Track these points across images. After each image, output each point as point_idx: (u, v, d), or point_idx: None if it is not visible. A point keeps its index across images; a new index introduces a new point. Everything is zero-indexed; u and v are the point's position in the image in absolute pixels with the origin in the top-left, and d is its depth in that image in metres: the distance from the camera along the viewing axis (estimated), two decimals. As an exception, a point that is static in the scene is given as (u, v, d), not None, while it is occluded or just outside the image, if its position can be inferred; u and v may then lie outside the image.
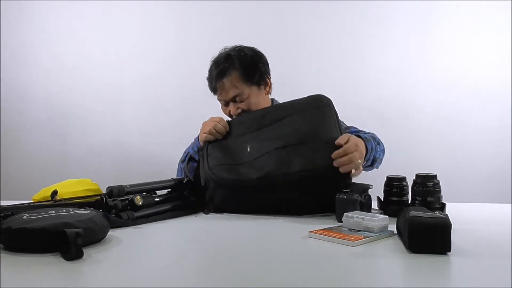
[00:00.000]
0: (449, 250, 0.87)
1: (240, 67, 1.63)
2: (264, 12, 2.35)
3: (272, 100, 1.88)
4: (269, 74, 1.78)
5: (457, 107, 2.30)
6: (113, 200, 1.17)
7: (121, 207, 1.16)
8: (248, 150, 1.40)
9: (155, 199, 1.29)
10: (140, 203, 1.20)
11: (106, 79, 2.41)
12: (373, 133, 1.63)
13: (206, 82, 2.43)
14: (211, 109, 2.33)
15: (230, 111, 1.71)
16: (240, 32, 2.28)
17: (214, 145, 1.48)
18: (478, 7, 2.26)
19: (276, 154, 1.35)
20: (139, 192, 1.26)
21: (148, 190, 1.31)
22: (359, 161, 1.32)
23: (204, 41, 2.36)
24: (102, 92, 2.41)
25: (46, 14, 2.43)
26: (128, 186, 1.22)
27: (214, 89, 1.71)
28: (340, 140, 1.34)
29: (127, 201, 1.19)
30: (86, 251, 0.87)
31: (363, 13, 2.32)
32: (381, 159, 1.59)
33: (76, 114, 2.42)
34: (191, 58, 2.38)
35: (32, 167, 2.40)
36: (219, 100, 1.73)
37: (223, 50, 1.73)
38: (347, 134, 1.41)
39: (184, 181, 1.40)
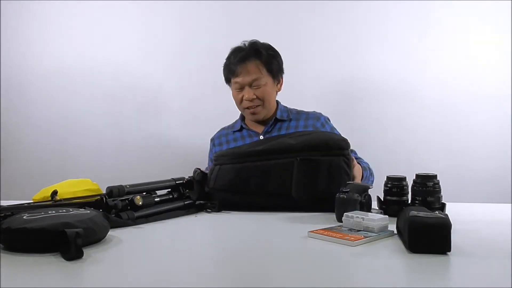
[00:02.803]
0: (449, 250, 0.87)
1: (264, 55, 1.77)
2: (263, 12, 2.34)
3: (277, 102, 1.89)
4: (283, 73, 1.85)
5: (457, 107, 2.30)
6: (113, 200, 1.17)
7: (121, 207, 1.16)
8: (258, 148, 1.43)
9: (155, 199, 1.29)
10: (140, 203, 1.20)
11: (106, 79, 2.41)
12: (368, 164, 1.69)
13: (206, 83, 2.44)
14: (211, 110, 2.34)
15: (243, 96, 1.75)
16: (239, 32, 2.28)
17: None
18: (478, 7, 2.26)
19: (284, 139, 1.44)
20: (139, 192, 1.26)
21: (148, 190, 1.31)
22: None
23: (206, 42, 2.36)
24: (102, 92, 2.41)
25: (46, 14, 2.42)
26: (128, 186, 1.22)
27: (232, 72, 1.78)
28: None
29: (127, 201, 1.19)
30: (86, 251, 0.87)
31: (363, 13, 2.32)
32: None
33: (76, 114, 2.42)
34: (193, 59, 2.38)
35: (32, 167, 2.40)
36: (235, 83, 1.78)
37: (242, 44, 1.82)
38: (353, 158, 1.47)
39: (184, 181, 1.40)
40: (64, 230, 0.86)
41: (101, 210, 1.13)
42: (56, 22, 2.42)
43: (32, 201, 1.24)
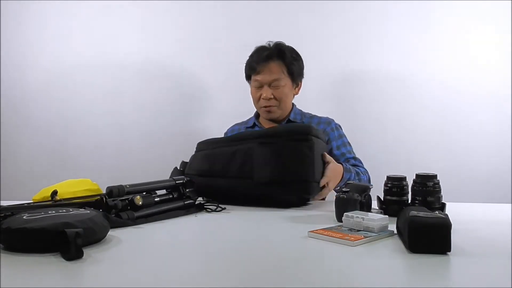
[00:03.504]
0: (449, 250, 0.87)
1: (288, 57, 1.81)
2: (263, 12, 2.34)
3: (293, 104, 1.90)
4: (303, 78, 1.86)
5: (457, 107, 2.30)
6: (113, 200, 1.17)
7: (121, 207, 1.16)
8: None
9: (155, 199, 1.29)
10: (140, 203, 1.20)
11: (107, 79, 2.41)
12: (367, 174, 1.73)
13: (206, 83, 2.44)
14: (211, 109, 2.34)
15: (261, 95, 1.76)
16: (240, 32, 2.28)
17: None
18: (478, 7, 2.26)
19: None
20: (139, 192, 1.26)
21: (148, 190, 1.31)
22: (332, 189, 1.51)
23: (205, 43, 2.36)
24: (102, 92, 2.41)
25: (46, 14, 2.42)
26: (128, 186, 1.22)
27: (253, 70, 1.81)
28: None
29: (127, 201, 1.19)
30: (86, 251, 0.87)
31: (363, 13, 2.32)
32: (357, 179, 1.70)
33: (76, 114, 2.42)
34: (192, 59, 2.38)
35: (32, 167, 2.40)
36: (255, 80, 1.80)
37: (267, 43, 1.86)
38: (330, 161, 1.50)
39: (184, 181, 1.40)
40: (64, 230, 0.86)
41: (101, 210, 1.13)
42: (56, 22, 2.42)
43: (32, 201, 1.24)
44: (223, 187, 1.43)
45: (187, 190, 1.39)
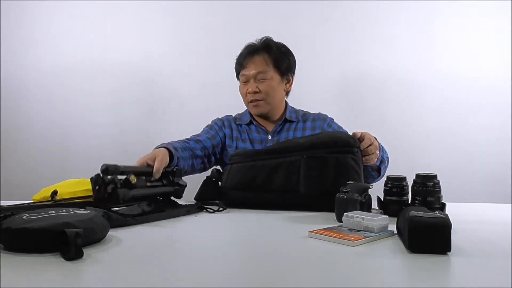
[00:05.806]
0: (449, 250, 0.87)
1: (274, 51, 1.79)
2: (264, 11, 2.35)
3: (286, 103, 1.89)
4: (294, 74, 1.84)
5: (457, 107, 2.30)
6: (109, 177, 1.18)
7: (118, 184, 1.16)
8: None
9: (147, 184, 1.31)
10: (134, 181, 1.21)
11: (107, 79, 2.41)
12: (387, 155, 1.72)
13: (204, 82, 2.44)
14: (209, 108, 2.34)
15: (247, 89, 1.75)
16: (240, 32, 2.28)
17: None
18: (478, 7, 2.26)
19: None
20: (132, 172, 1.26)
21: (140, 172, 1.32)
22: (376, 152, 1.48)
23: (204, 42, 2.36)
24: (103, 92, 2.41)
25: (46, 14, 2.43)
26: (122, 166, 1.22)
27: (240, 65, 1.81)
28: (356, 133, 1.48)
29: (121, 181, 1.20)
30: (86, 251, 0.87)
31: (365, 12, 2.32)
32: (386, 166, 1.66)
33: (76, 114, 2.42)
34: (191, 58, 2.38)
35: (32, 167, 2.40)
36: (242, 75, 1.78)
37: (256, 40, 1.84)
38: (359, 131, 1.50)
39: (173, 169, 1.42)
40: (64, 230, 0.86)
41: (97, 187, 1.14)
42: (56, 22, 2.42)
43: (32, 201, 1.24)
44: (266, 201, 1.40)
45: (175, 178, 1.41)
